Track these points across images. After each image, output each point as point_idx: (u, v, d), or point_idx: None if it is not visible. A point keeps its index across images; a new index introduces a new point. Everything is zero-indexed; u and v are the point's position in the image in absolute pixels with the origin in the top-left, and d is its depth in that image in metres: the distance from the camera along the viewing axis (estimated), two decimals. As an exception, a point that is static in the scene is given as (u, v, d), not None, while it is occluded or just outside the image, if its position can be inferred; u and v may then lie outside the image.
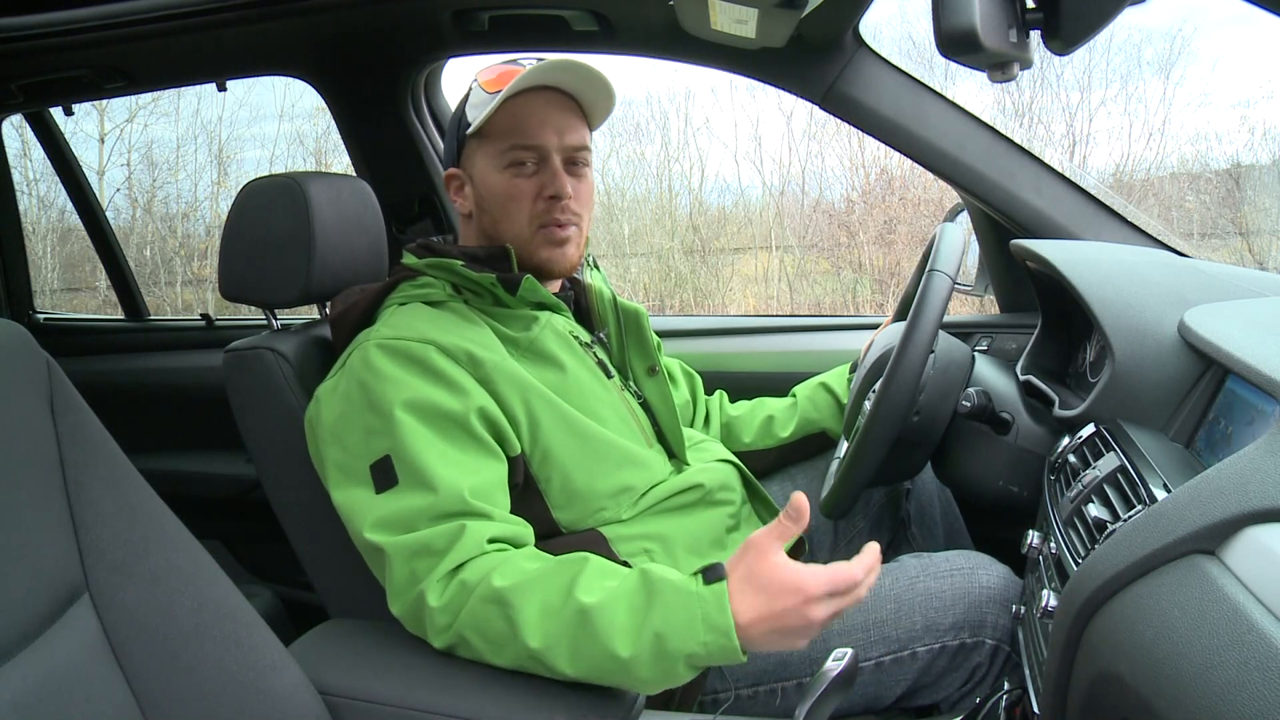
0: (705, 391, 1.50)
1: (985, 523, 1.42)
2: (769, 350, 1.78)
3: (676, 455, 1.21)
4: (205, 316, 2.24)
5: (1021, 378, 1.17)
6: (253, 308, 1.32)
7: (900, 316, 1.44)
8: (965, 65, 0.82)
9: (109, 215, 2.45)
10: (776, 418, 1.43)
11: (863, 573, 0.86)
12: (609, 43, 1.62)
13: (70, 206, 2.36)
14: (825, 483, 1.28)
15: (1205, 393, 0.87)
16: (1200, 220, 5.00)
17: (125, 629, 0.79)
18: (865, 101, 1.49)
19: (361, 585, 1.07)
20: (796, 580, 0.84)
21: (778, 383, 1.54)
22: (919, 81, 1.49)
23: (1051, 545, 0.88)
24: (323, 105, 1.89)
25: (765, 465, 1.42)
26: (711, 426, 1.46)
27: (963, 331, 1.55)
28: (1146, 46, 5.34)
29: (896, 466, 1.18)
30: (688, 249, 5.89)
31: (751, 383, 1.67)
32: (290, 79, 1.91)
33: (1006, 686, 0.96)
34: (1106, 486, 0.82)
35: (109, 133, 6.07)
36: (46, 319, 2.41)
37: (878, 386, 1.11)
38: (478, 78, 1.16)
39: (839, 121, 1.58)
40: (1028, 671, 0.90)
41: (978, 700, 0.97)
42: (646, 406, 1.22)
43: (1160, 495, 0.74)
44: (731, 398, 1.51)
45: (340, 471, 1.03)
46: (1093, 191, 1.46)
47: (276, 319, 1.29)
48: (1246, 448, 0.62)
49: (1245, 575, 0.55)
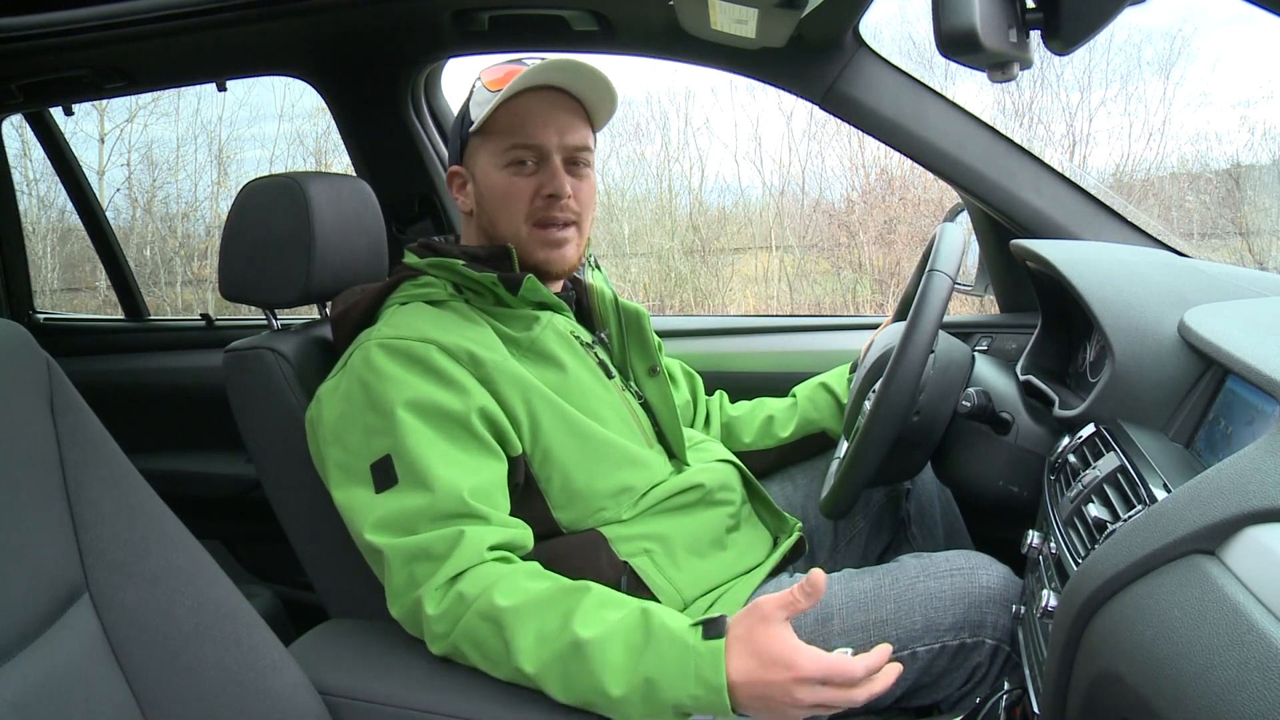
0: (705, 391, 1.50)
1: (985, 523, 1.42)
2: (769, 350, 1.78)
3: (677, 455, 1.21)
4: (205, 316, 2.25)
5: (1021, 378, 1.17)
6: (253, 308, 1.32)
7: (900, 316, 1.44)
8: (965, 65, 0.82)
9: (109, 215, 2.45)
10: (776, 418, 1.43)
11: (862, 671, 0.83)
12: (609, 43, 1.62)
13: (70, 206, 2.36)
14: (825, 483, 1.28)
15: (1205, 393, 0.87)
16: (1200, 220, 5.00)
17: (125, 629, 0.79)
18: (865, 101, 1.49)
19: (361, 585, 1.08)
20: (791, 656, 0.83)
21: (778, 383, 1.55)
22: (919, 81, 1.49)
23: (1051, 545, 0.88)
24: (323, 105, 1.89)
25: (765, 465, 1.42)
26: (712, 427, 1.46)
27: (963, 331, 1.55)
28: (1146, 46, 5.35)
29: (896, 466, 1.18)
30: (688, 249, 5.89)
31: (751, 383, 1.67)
32: (290, 79, 1.91)
33: (1006, 686, 0.96)
34: (1106, 486, 0.81)
35: (109, 133, 6.08)
36: (46, 319, 2.41)
37: (878, 386, 1.11)
38: (481, 76, 1.16)
39: (839, 121, 1.57)
40: (1028, 671, 0.90)
41: (978, 700, 0.97)
42: (647, 407, 1.22)
43: (1160, 495, 0.74)
44: (731, 398, 1.51)
45: (341, 471, 1.03)
46: (1093, 191, 1.46)
47: (276, 319, 1.29)
48: (1246, 448, 0.62)
49: (1245, 575, 0.55)
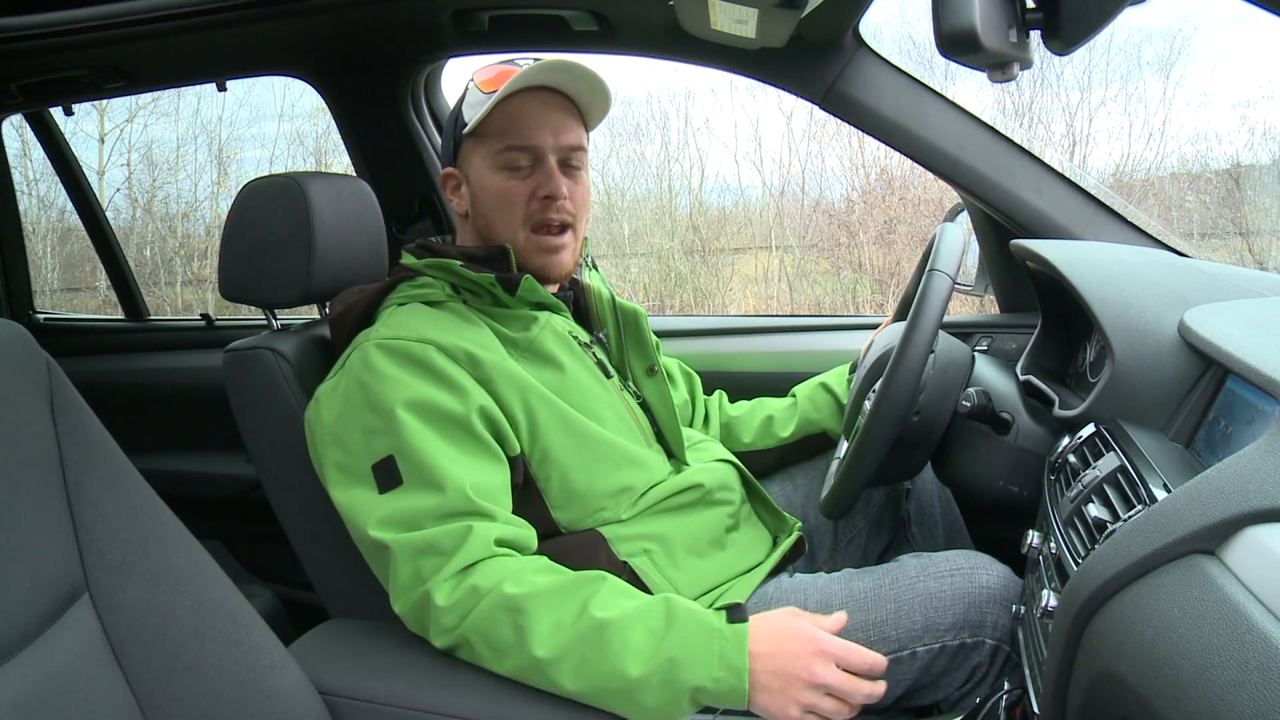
0: (705, 391, 1.50)
1: (985, 523, 1.42)
2: (769, 350, 1.78)
3: (675, 455, 1.21)
4: (205, 316, 2.24)
5: (1021, 378, 1.17)
6: (253, 308, 1.32)
7: (900, 316, 1.44)
8: (965, 65, 0.82)
9: (109, 215, 2.45)
10: (776, 418, 1.43)
11: (868, 664, 0.90)
12: (609, 43, 1.62)
13: (70, 206, 2.36)
14: (825, 483, 1.28)
15: (1205, 393, 0.87)
16: (1200, 220, 5.00)
17: (125, 629, 0.79)
18: (865, 101, 1.49)
19: (361, 585, 1.07)
20: (815, 633, 0.91)
21: (778, 383, 1.54)
22: (919, 81, 1.49)
23: (1051, 545, 0.88)
24: (323, 105, 1.89)
25: (765, 465, 1.42)
26: (711, 426, 1.46)
27: (963, 331, 1.55)
28: (1146, 46, 5.35)
29: (896, 466, 1.18)
30: (688, 249, 5.89)
31: (751, 383, 1.67)
32: (290, 79, 1.91)
33: (1006, 686, 0.96)
34: (1106, 486, 0.81)
35: (109, 133, 6.08)
36: (46, 319, 2.41)
37: (878, 386, 1.11)
38: (474, 77, 1.16)
39: (839, 121, 1.57)
40: (1028, 671, 0.90)
41: (978, 700, 0.97)
42: (645, 406, 1.22)
43: (1160, 495, 0.74)
44: (731, 398, 1.51)
45: (340, 471, 1.03)
46: (1093, 191, 1.46)
47: (276, 319, 1.29)
48: (1246, 448, 0.62)
49: (1245, 575, 0.55)
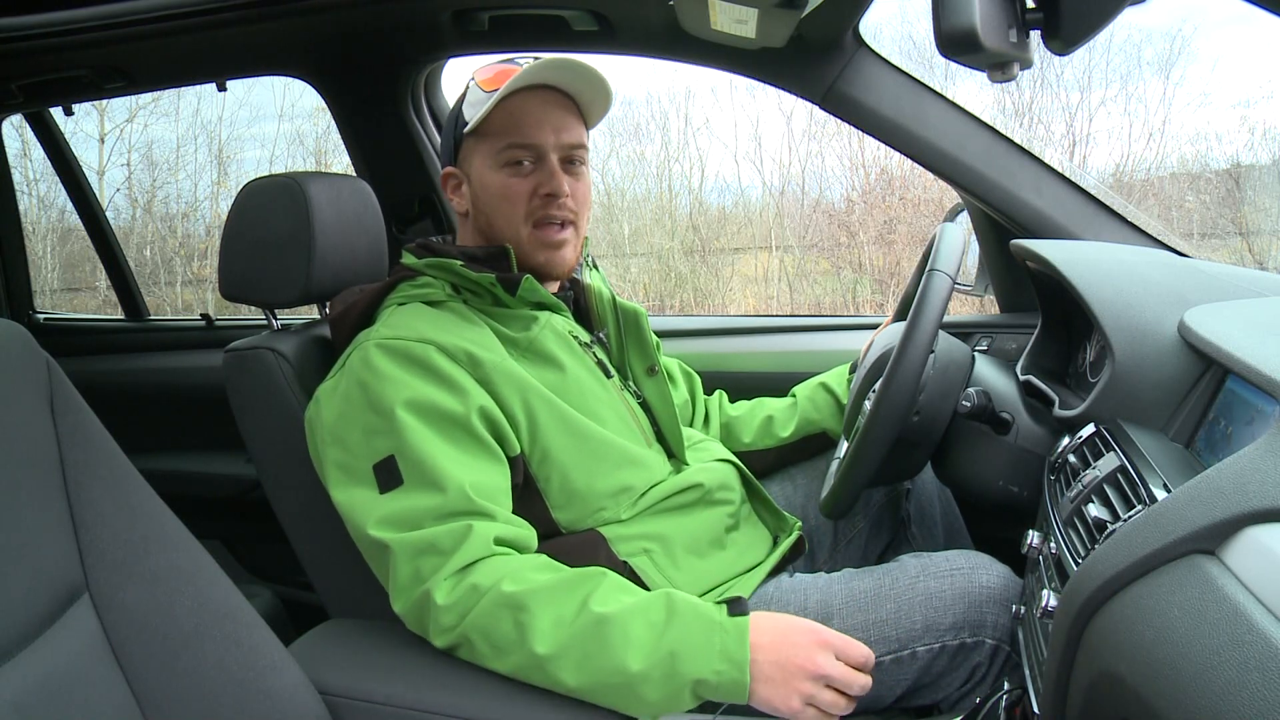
0: (705, 391, 1.50)
1: (985, 523, 1.42)
2: (769, 350, 1.78)
3: (676, 455, 1.21)
4: (205, 316, 2.24)
5: (1021, 378, 1.17)
6: (253, 308, 1.32)
7: (900, 316, 1.44)
8: (965, 65, 0.82)
9: (109, 215, 2.45)
10: (776, 418, 1.43)
11: (867, 653, 0.92)
12: (609, 43, 1.62)
13: (70, 206, 2.36)
14: (825, 483, 1.28)
15: (1205, 393, 0.87)
16: (1200, 220, 5.00)
17: (125, 629, 0.79)
18: (865, 101, 1.49)
19: (361, 585, 1.07)
20: (816, 626, 0.92)
21: (778, 383, 1.54)
22: (919, 81, 1.49)
23: (1051, 545, 0.88)
24: (323, 105, 1.89)
25: (765, 465, 1.42)
26: (711, 426, 1.46)
27: (963, 331, 1.55)
28: (1146, 46, 5.35)
29: (896, 466, 1.18)
30: (688, 249, 5.89)
31: (751, 383, 1.67)
32: (290, 79, 1.91)
33: (1006, 686, 0.96)
34: (1106, 486, 0.81)
35: (109, 133, 6.08)
36: (46, 319, 2.41)
37: (878, 386, 1.11)
38: (475, 76, 1.16)
39: (839, 121, 1.57)
40: (1028, 671, 0.90)
41: (978, 700, 0.97)
42: (646, 406, 1.22)
43: (1160, 495, 0.74)
44: (731, 398, 1.51)
45: (341, 471, 1.03)
46: (1093, 191, 1.46)
47: (276, 319, 1.29)
48: (1246, 448, 0.62)
49: (1245, 575, 0.55)
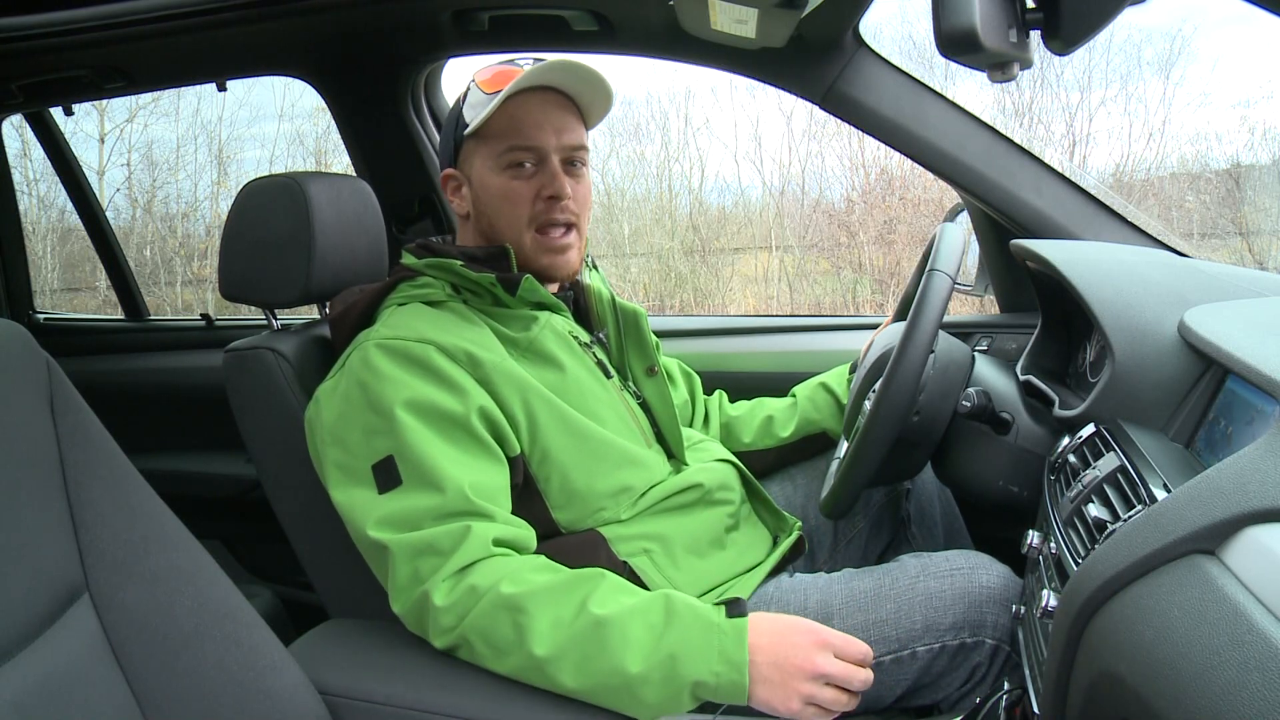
0: (705, 391, 1.50)
1: (985, 523, 1.42)
2: (769, 350, 1.78)
3: (675, 455, 1.21)
4: (205, 316, 2.24)
5: (1021, 378, 1.17)
6: (253, 308, 1.32)
7: (900, 316, 1.44)
8: (965, 65, 0.82)
9: (109, 215, 2.45)
10: (776, 418, 1.43)
11: (866, 650, 0.93)
12: (609, 43, 1.62)
13: (70, 206, 2.36)
14: (825, 483, 1.28)
15: (1205, 393, 0.87)
16: (1200, 220, 5.00)
17: (125, 629, 0.79)
18: (865, 101, 1.49)
19: (361, 585, 1.07)
20: (815, 625, 0.92)
21: (778, 383, 1.54)
22: (919, 81, 1.49)
23: (1051, 545, 0.88)
24: (323, 105, 1.89)
25: (765, 465, 1.42)
26: (711, 426, 1.46)
27: (963, 331, 1.55)
28: (1146, 46, 5.35)
29: (896, 466, 1.18)
30: (688, 249, 5.89)
31: (751, 383, 1.67)
32: (290, 79, 1.91)
33: (1006, 686, 0.96)
34: (1106, 486, 0.81)
35: (109, 133, 6.08)
36: (46, 319, 2.41)
37: (878, 386, 1.11)
38: (475, 78, 1.16)
39: (839, 121, 1.57)
40: (1028, 671, 0.90)
41: (978, 700, 0.97)
42: (645, 407, 1.22)
43: (1160, 495, 0.74)
44: (731, 398, 1.51)
45: (340, 471, 1.03)
46: (1093, 191, 1.46)
47: (276, 319, 1.29)
48: (1246, 448, 0.62)
49: (1245, 575, 0.55)
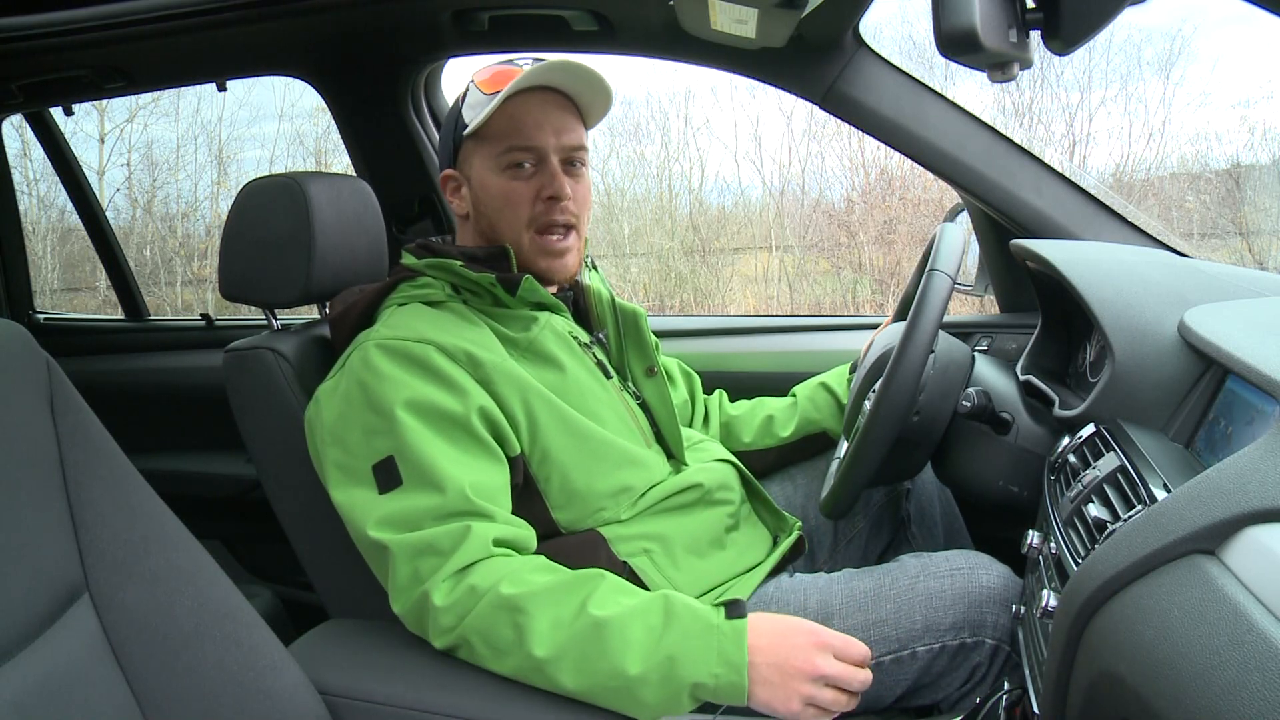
0: (705, 391, 1.50)
1: (985, 523, 1.42)
2: (769, 350, 1.78)
3: (675, 455, 1.21)
4: (205, 316, 2.24)
5: (1021, 378, 1.17)
6: (253, 308, 1.32)
7: (900, 316, 1.44)
8: (965, 65, 0.82)
9: (109, 215, 2.45)
10: (776, 417, 1.43)
11: (865, 650, 0.92)
12: (609, 43, 1.62)
13: (70, 206, 2.36)
14: (825, 483, 1.28)
15: (1205, 393, 0.87)
16: (1200, 220, 5.00)
17: (125, 629, 0.79)
18: (865, 101, 1.49)
19: (361, 585, 1.07)
20: (814, 627, 0.92)
21: (778, 383, 1.54)
22: (919, 81, 1.49)
23: (1051, 545, 0.88)
24: (323, 105, 1.89)
25: (765, 465, 1.42)
26: (711, 426, 1.46)
27: (963, 331, 1.55)
28: (1146, 46, 5.35)
29: (896, 466, 1.18)
30: (688, 249, 5.89)
31: (751, 383, 1.67)
32: (290, 79, 1.91)
33: (1006, 686, 0.96)
34: (1106, 486, 0.81)
35: (109, 133, 6.08)
36: (46, 319, 2.41)
37: (878, 386, 1.11)
38: (474, 78, 1.16)
39: (839, 121, 1.57)
40: (1028, 671, 0.90)
41: (978, 700, 0.97)
42: (645, 407, 1.22)
43: (1160, 495, 0.74)
44: (731, 398, 1.51)
45: (341, 471, 1.03)
46: (1093, 191, 1.46)
47: (276, 319, 1.29)
48: (1246, 448, 0.62)
49: (1245, 575, 0.55)
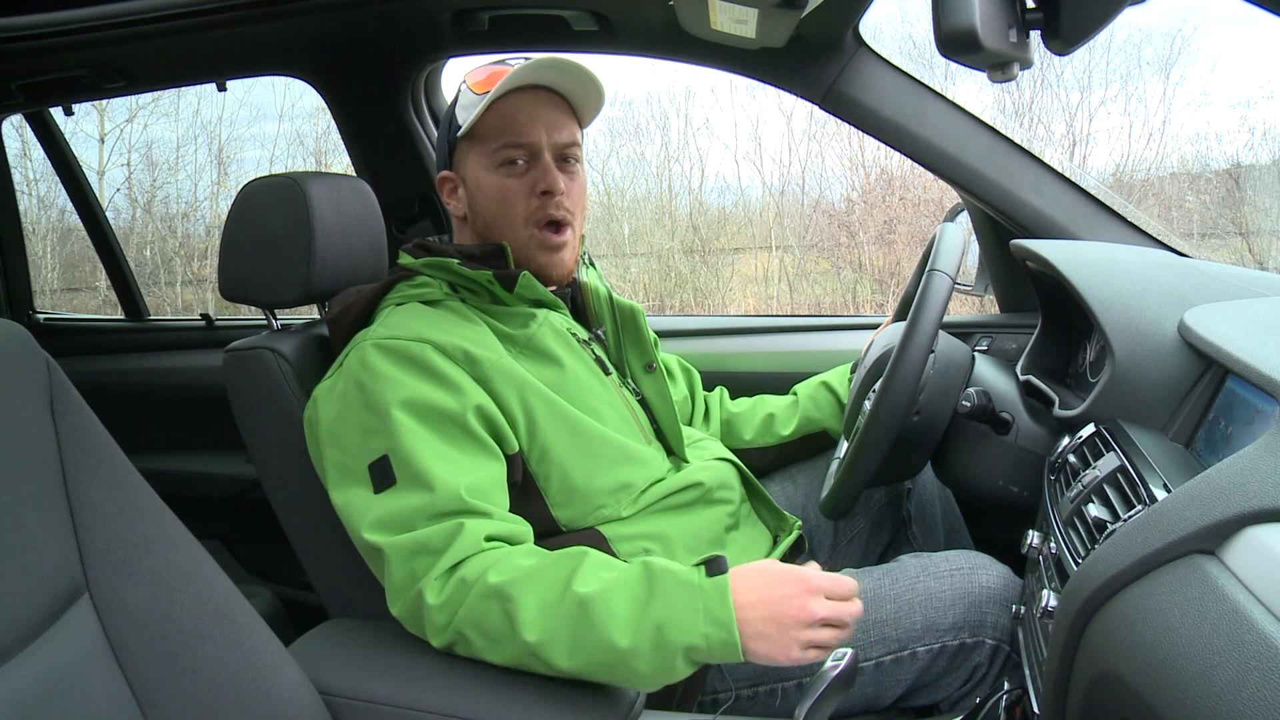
0: (705, 389, 1.50)
1: (985, 523, 1.42)
2: (769, 350, 1.78)
3: (675, 452, 1.21)
4: (205, 316, 2.24)
5: (1021, 378, 1.17)
6: (253, 308, 1.32)
7: (900, 316, 1.44)
8: (965, 65, 0.81)
9: (109, 215, 2.45)
10: (777, 415, 1.43)
11: (850, 583, 0.92)
12: (609, 43, 1.62)
13: (70, 206, 2.35)
14: (825, 483, 1.28)
15: (1205, 393, 0.87)
16: (1200, 220, 5.00)
17: (125, 629, 0.79)
18: (865, 101, 1.49)
19: (361, 585, 1.08)
20: (801, 571, 0.92)
21: (778, 383, 1.54)
22: (919, 81, 1.49)
23: (1051, 545, 0.88)
24: (323, 105, 1.89)
25: (765, 463, 1.42)
26: (711, 422, 1.46)
27: (963, 331, 1.55)
28: (1146, 46, 5.35)
29: (896, 466, 1.18)
30: (688, 249, 5.89)
31: (751, 382, 1.67)
32: (290, 79, 1.91)
33: (1006, 686, 0.96)
34: (1106, 486, 0.81)
35: (109, 133, 6.08)
36: (46, 319, 2.41)
37: (878, 386, 1.11)
38: (467, 79, 1.16)
39: (839, 121, 1.57)
40: (1028, 671, 0.90)
41: (978, 700, 0.97)
42: (645, 403, 1.22)
43: (1160, 495, 0.74)
44: (731, 397, 1.51)
45: (339, 472, 1.03)
46: (1093, 191, 1.46)
47: (276, 319, 1.29)
48: (1246, 448, 0.62)
49: (1245, 575, 0.55)
